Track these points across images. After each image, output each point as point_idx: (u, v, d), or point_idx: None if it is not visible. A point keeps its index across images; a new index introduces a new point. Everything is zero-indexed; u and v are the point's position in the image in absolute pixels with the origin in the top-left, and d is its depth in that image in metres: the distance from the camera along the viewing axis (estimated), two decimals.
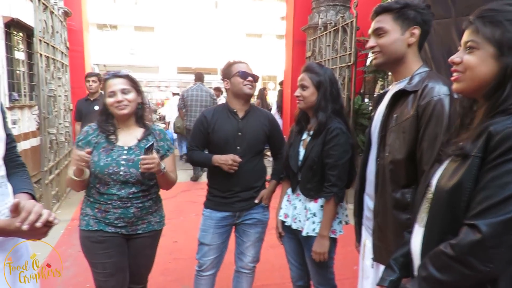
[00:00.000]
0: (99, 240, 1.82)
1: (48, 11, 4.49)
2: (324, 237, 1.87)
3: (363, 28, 5.83)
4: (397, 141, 1.35)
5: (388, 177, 1.38)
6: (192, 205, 4.76)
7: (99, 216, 1.82)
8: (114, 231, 1.82)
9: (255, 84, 2.16)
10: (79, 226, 1.89)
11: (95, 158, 1.79)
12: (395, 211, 1.35)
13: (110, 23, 22.73)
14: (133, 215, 1.84)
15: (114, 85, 1.80)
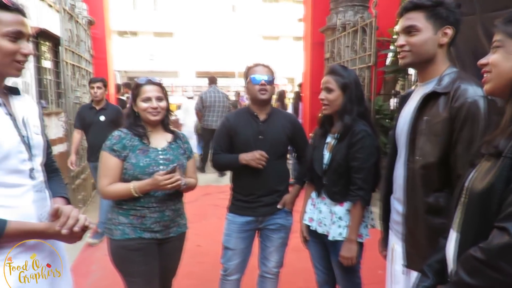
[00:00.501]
0: (136, 248, 1.81)
1: (74, 20, 4.64)
2: (352, 242, 1.85)
3: (382, 27, 5.75)
4: (428, 144, 1.32)
5: (419, 181, 1.35)
6: (214, 209, 4.80)
7: (135, 222, 1.82)
8: (150, 237, 1.84)
9: (270, 87, 2.12)
10: (109, 236, 1.86)
11: (133, 160, 1.80)
12: (428, 216, 1.33)
13: (130, 29, 23.21)
14: (168, 218, 1.88)
15: (150, 92, 1.85)
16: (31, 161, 1.26)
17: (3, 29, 1.14)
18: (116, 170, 1.81)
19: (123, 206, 1.84)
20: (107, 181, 1.80)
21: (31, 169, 1.26)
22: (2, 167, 1.15)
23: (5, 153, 1.15)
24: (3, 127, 1.18)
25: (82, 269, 3.25)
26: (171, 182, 1.74)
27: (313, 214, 2.05)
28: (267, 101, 2.16)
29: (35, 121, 1.34)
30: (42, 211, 1.28)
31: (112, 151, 1.81)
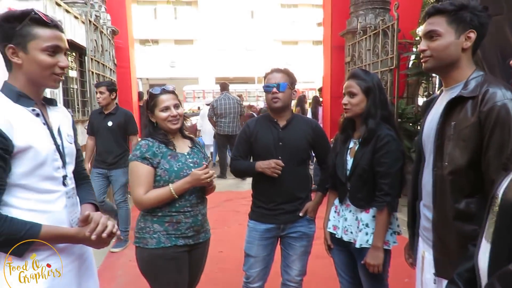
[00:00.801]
0: (172, 257, 1.81)
1: (98, 31, 4.78)
2: (378, 249, 1.80)
3: (404, 30, 5.66)
4: (457, 149, 1.29)
5: (448, 187, 1.31)
6: (235, 215, 4.80)
7: (171, 229, 1.82)
8: (184, 243, 1.85)
9: (282, 94, 2.08)
10: (141, 245, 1.83)
11: (166, 165, 1.82)
12: (458, 222, 1.29)
13: (152, 38, 23.74)
14: (200, 223, 1.91)
15: (167, 101, 1.87)
16: (64, 169, 1.33)
17: (42, 44, 1.22)
18: (150, 177, 1.81)
19: (157, 214, 1.83)
20: (143, 189, 1.78)
21: (64, 176, 1.33)
22: (38, 173, 1.22)
23: (41, 161, 1.22)
24: (41, 136, 1.25)
25: (107, 275, 3.30)
26: (209, 176, 1.80)
27: (337, 222, 2.01)
28: (280, 108, 2.12)
29: (68, 130, 1.42)
30: (73, 216, 1.36)
31: (144, 159, 1.81)
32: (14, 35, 1.20)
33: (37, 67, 1.23)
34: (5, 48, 1.21)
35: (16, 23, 1.20)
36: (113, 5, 6.19)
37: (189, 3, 24.66)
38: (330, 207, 2.09)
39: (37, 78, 1.26)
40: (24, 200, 1.21)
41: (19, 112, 1.22)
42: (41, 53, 1.22)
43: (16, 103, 1.22)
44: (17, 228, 1.14)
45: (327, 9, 6.99)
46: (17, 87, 1.24)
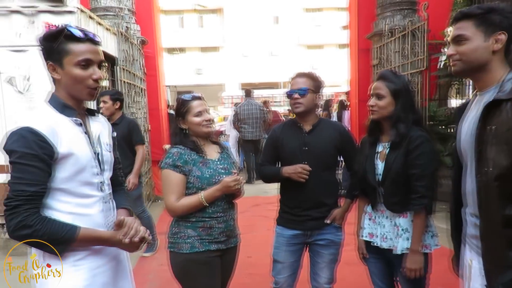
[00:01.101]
0: (205, 262, 1.84)
1: (128, 41, 4.94)
2: (417, 252, 1.75)
3: (434, 30, 5.51)
4: (501, 154, 1.23)
5: (494, 193, 1.25)
6: (263, 220, 4.79)
7: (204, 234, 1.85)
8: (216, 248, 1.88)
9: (304, 99, 2.06)
10: (176, 250, 1.86)
11: (198, 173, 1.86)
12: (508, 230, 1.22)
13: (179, 46, 24.27)
14: (231, 227, 1.94)
15: (200, 106, 1.92)
16: (101, 175, 1.42)
17: (75, 59, 1.29)
18: (181, 185, 1.85)
19: (191, 219, 1.86)
20: (175, 197, 1.83)
21: (101, 182, 1.41)
22: (77, 179, 1.31)
23: (81, 167, 1.32)
24: (81, 144, 1.34)
25: (139, 279, 3.36)
26: (239, 183, 1.83)
27: (373, 229, 1.95)
28: (302, 113, 2.11)
29: (107, 139, 1.50)
30: (109, 220, 1.43)
31: (175, 167, 1.85)
32: (52, 52, 1.30)
33: (72, 81, 1.31)
34: (47, 65, 1.32)
35: (53, 41, 1.29)
36: (142, 16, 6.38)
37: (214, 11, 25.06)
38: (361, 214, 2.04)
39: (73, 91, 1.34)
40: (65, 204, 1.30)
41: (63, 121, 1.31)
42: (75, 67, 1.30)
43: (60, 113, 1.32)
44: (58, 229, 1.23)
45: (353, 11, 6.90)
46: (62, 99, 1.34)
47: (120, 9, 5.53)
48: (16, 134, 1.22)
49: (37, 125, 1.23)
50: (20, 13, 4.02)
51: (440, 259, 2.14)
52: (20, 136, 1.21)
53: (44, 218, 1.22)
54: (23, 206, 1.19)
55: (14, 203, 1.19)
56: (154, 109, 6.52)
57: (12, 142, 1.22)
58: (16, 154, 1.21)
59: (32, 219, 1.19)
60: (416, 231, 1.76)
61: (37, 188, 1.22)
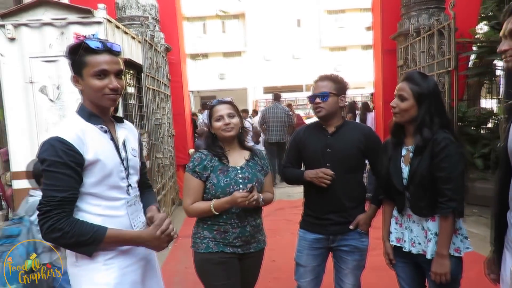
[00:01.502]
0: (219, 262, 1.89)
1: (153, 49, 5.07)
2: (444, 257, 1.69)
3: (462, 29, 5.34)
4: None
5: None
6: (287, 224, 4.77)
7: (218, 237, 1.90)
8: (232, 251, 1.91)
9: (325, 103, 2.03)
10: (195, 249, 1.96)
11: (214, 180, 1.90)
12: None
13: (202, 52, 24.63)
14: (249, 234, 1.93)
15: (221, 110, 1.94)
16: (128, 179, 1.49)
17: (91, 70, 1.36)
18: (198, 190, 1.92)
19: (207, 222, 1.93)
20: (190, 200, 1.92)
21: (128, 185, 1.49)
22: (105, 183, 1.39)
23: (108, 172, 1.39)
24: (107, 150, 1.42)
25: (164, 281, 3.42)
26: (248, 200, 1.81)
27: (401, 234, 1.90)
28: (324, 117, 2.08)
29: (133, 145, 1.57)
30: (136, 221, 1.50)
31: (194, 172, 1.92)
32: (74, 64, 1.39)
33: (91, 91, 1.39)
34: (72, 77, 1.41)
35: (74, 54, 1.37)
36: (166, 24, 6.53)
37: (236, 16, 25.28)
38: (387, 218, 1.99)
39: (94, 100, 1.42)
40: (95, 206, 1.38)
41: (90, 129, 1.39)
42: (92, 78, 1.37)
43: (87, 122, 1.40)
44: (86, 231, 1.29)
45: (376, 12, 6.80)
46: (89, 108, 1.43)
47: (145, 18, 5.67)
48: (46, 143, 1.31)
49: (64, 135, 1.31)
50: (51, 25, 4.21)
51: (472, 265, 2.07)
52: (49, 145, 1.29)
53: (73, 221, 1.28)
54: (53, 211, 1.26)
55: (45, 208, 1.27)
56: (179, 114, 6.64)
57: (43, 151, 1.31)
58: (46, 162, 1.29)
59: (61, 222, 1.26)
60: (443, 234, 1.70)
61: (67, 194, 1.28)
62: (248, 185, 1.87)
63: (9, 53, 4.25)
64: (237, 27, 25.88)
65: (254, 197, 1.82)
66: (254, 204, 1.85)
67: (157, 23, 6.19)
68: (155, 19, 6.07)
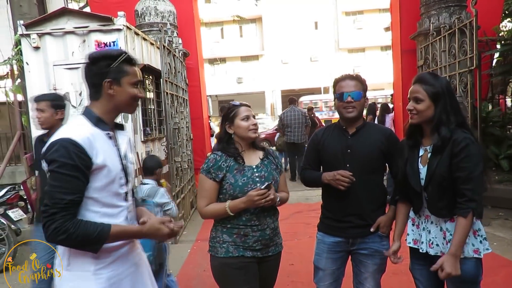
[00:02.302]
0: (239, 266, 1.87)
1: (171, 54, 5.14)
2: (458, 257, 1.64)
3: (485, 26, 5.19)
4: None
5: None
6: (305, 227, 4.74)
7: (238, 241, 1.88)
8: (252, 255, 1.90)
9: (357, 103, 1.99)
10: (213, 254, 1.93)
11: (231, 180, 1.90)
12: None
13: (220, 57, 24.87)
14: (268, 237, 1.92)
15: (246, 111, 1.97)
16: (126, 186, 1.51)
17: (132, 79, 1.48)
18: (213, 191, 1.92)
19: (227, 225, 1.91)
20: (205, 202, 1.90)
21: (126, 192, 1.50)
22: (108, 189, 1.40)
23: (112, 178, 1.41)
24: (113, 156, 1.44)
25: (182, 284, 3.45)
26: (264, 199, 1.80)
27: (418, 236, 1.87)
28: (355, 118, 2.04)
29: (130, 152, 1.60)
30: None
31: (208, 173, 1.92)
32: (109, 71, 1.43)
33: (127, 98, 1.47)
34: (103, 82, 1.43)
35: (111, 61, 1.43)
36: (184, 30, 6.64)
37: (254, 20, 25.42)
38: (401, 219, 1.96)
39: (123, 106, 1.49)
40: (92, 213, 1.37)
41: (97, 134, 1.41)
42: (131, 87, 1.47)
43: (94, 127, 1.42)
44: (90, 230, 1.30)
45: (395, 12, 6.70)
46: (97, 113, 1.44)
47: (164, 24, 5.78)
48: (57, 144, 1.30)
49: (76, 137, 1.32)
50: (73, 33, 4.34)
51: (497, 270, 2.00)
52: (61, 146, 1.29)
53: (77, 222, 1.29)
54: (59, 213, 1.26)
55: (51, 211, 1.27)
56: (197, 118, 6.72)
57: (53, 151, 1.30)
58: (56, 163, 1.28)
59: (66, 224, 1.26)
60: (460, 234, 1.65)
61: (74, 197, 1.29)
62: (265, 183, 1.87)
63: (33, 61, 4.41)
64: (254, 31, 26.01)
65: (270, 196, 1.81)
66: (271, 203, 1.84)
67: (175, 29, 6.29)
68: (173, 25, 6.17)
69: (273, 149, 2.20)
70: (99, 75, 1.43)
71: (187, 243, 4.60)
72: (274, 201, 1.86)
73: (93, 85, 1.46)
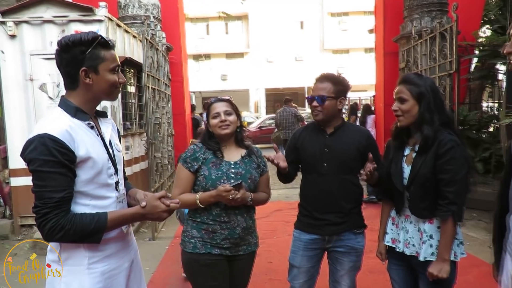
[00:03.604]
0: (206, 263, 1.86)
1: (154, 48, 5.06)
2: (446, 261, 1.66)
3: (465, 32, 5.31)
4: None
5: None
6: (285, 225, 4.75)
7: (206, 237, 1.86)
8: (219, 253, 1.88)
9: (323, 107, 2.00)
10: (182, 248, 1.93)
11: (206, 172, 1.88)
12: None
13: (204, 53, 24.66)
14: (238, 236, 1.90)
15: (218, 107, 1.93)
16: (116, 175, 1.44)
17: (110, 65, 1.36)
18: (187, 181, 1.91)
19: (197, 219, 1.90)
20: (178, 191, 1.90)
21: (117, 182, 1.43)
22: (96, 181, 1.34)
23: (99, 169, 1.34)
24: (96, 146, 1.36)
25: (160, 281, 3.41)
26: (232, 196, 1.77)
27: (396, 235, 1.89)
28: (321, 121, 2.06)
29: (116, 139, 1.53)
30: None
31: (185, 162, 1.92)
32: (85, 58, 1.32)
33: (106, 85, 1.37)
34: (78, 71, 1.32)
35: (85, 47, 1.31)
36: (168, 24, 6.54)
37: (240, 17, 25.32)
38: (385, 218, 1.98)
39: (102, 94, 1.39)
40: (82, 206, 1.32)
41: (77, 125, 1.33)
42: (109, 73, 1.36)
43: (73, 118, 1.33)
44: (87, 223, 1.26)
45: (379, 14, 6.79)
46: (75, 103, 1.35)
47: (147, 17, 5.68)
48: (35, 141, 1.23)
49: (54, 131, 1.24)
50: (52, 22, 4.21)
51: (470, 269, 2.04)
52: (39, 144, 1.21)
53: (72, 217, 1.24)
54: (52, 212, 1.21)
55: (43, 211, 1.21)
56: (179, 114, 6.64)
57: (31, 150, 1.22)
58: (37, 162, 1.21)
59: (61, 222, 1.21)
60: (445, 238, 1.67)
61: (64, 194, 1.23)
62: (233, 181, 1.84)
63: (9, 50, 4.26)
64: (240, 29, 25.91)
65: (237, 195, 1.78)
66: (240, 202, 1.82)
67: (159, 22, 6.19)
68: (156, 18, 6.07)
69: (258, 148, 2.16)
70: (74, 63, 1.32)
71: (165, 240, 4.55)
72: (244, 200, 1.83)
73: (68, 75, 1.35)
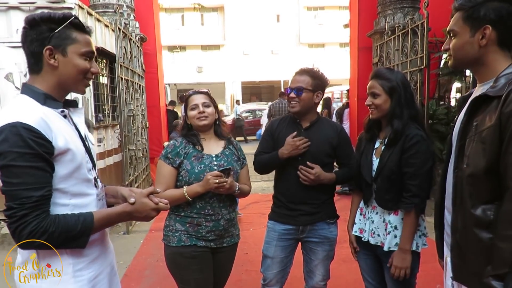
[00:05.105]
0: (192, 256, 1.85)
1: (127, 38, 4.93)
2: (406, 251, 1.74)
3: (436, 28, 5.48)
4: (476, 152, 1.19)
5: (466, 191, 1.21)
6: (261, 217, 4.79)
7: (191, 230, 1.86)
8: (205, 245, 1.88)
9: (300, 99, 2.03)
10: (166, 242, 1.91)
11: (188, 166, 1.87)
12: (477, 230, 1.18)
13: (179, 44, 24.25)
14: (223, 228, 1.91)
15: (196, 99, 1.93)
16: (94, 170, 1.31)
17: (81, 49, 1.21)
18: (170, 177, 1.89)
19: (180, 213, 1.89)
20: (162, 187, 1.83)
21: (95, 177, 1.30)
22: (76, 176, 1.20)
23: (78, 163, 1.20)
24: (74, 138, 1.22)
25: (135, 274, 3.38)
26: (221, 183, 1.77)
27: (363, 225, 1.95)
28: (297, 113, 2.09)
29: (87, 132, 1.39)
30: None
31: (166, 159, 1.89)
32: (52, 36, 1.17)
33: (73, 71, 1.21)
34: (43, 49, 1.16)
35: (55, 25, 1.17)
36: (141, 14, 6.37)
37: (215, 9, 25.02)
38: (354, 209, 2.04)
39: (69, 82, 1.22)
40: (62, 207, 1.17)
41: (50, 113, 1.17)
42: (79, 58, 1.21)
43: (43, 105, 1.17)
44: (72, 224, 1.12)
45: (354, 10, 6.88)
46: (42, 89, 1.19)
47: (119, 6, 5.51)
48: (4, 131, 1.05)
49: (27, 119, 1.07)
50: (18, 9, 4.02)
51: (430, 258, 2.12)
52: (11, 134, 1.05)
53: (55, 218, 1.10)
54: (31, 213, 1.06)
55: (20, 213, 1.05)
56: (154, 106, 6.52)
57: (0, 142, 1.05)
58: (9, 155, 1.04)
59: (43, 224, 1.07)
60: (406, 229, 1.75)
61: (43, 192, 1.08)
62: (221, 166, 1.85)
63: None
64: (216, 20, 25.61)
65: (227, 181, 1.78)
66: (228, 190, 1.82)
67: (132, 11, 6.03)
68: (130, 8, 5.90)
69: (236, 141, 2.17)
70: (39, 41, 1.16)
71: (140, 233, 4.49)
72: (232, 189, 1.85)
73: (32, 54, 1.18)
